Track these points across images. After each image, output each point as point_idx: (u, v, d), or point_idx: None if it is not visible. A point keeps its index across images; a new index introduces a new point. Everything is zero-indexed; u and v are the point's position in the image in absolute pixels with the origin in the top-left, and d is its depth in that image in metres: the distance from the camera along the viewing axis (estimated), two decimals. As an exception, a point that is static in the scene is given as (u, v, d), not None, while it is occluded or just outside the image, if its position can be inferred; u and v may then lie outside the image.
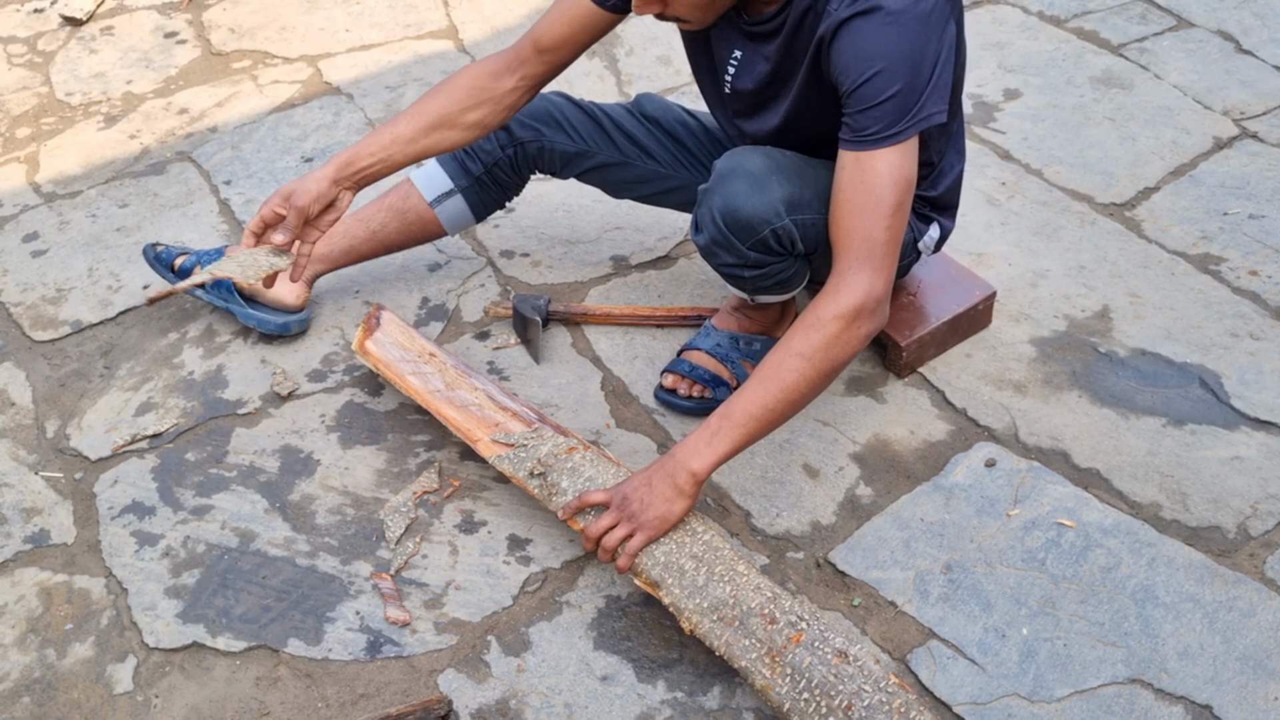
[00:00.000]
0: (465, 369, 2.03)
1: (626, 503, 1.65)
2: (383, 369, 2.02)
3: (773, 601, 1.58)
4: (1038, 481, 1.90)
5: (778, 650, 1.53)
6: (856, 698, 1.47)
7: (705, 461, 1.64)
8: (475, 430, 1.89)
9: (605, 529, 1.65)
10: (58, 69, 3.21)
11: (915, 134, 1.63)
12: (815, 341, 1.61)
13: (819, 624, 1.56)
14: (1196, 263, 2.31)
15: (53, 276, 2.47)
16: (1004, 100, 2.80)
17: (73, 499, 1.99)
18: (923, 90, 1.60)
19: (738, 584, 1.60)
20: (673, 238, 2.46)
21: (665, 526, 1.64)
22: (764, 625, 1.55)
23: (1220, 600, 1.71)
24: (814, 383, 1.63)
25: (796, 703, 1.50)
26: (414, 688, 1.68)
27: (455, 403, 1.95)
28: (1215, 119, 2.70)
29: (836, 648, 1.52)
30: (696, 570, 1.62)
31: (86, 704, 1.68)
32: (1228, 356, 2.10)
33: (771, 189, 1.73)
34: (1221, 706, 1.59)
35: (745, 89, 1.81)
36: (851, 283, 1.62)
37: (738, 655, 1.55)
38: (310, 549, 1.87)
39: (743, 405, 1.64)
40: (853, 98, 1.60)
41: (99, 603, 1.82)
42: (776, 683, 1.52)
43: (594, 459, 1.79)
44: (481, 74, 1.92)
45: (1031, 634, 1.69)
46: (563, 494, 1.75)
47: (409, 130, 1.89)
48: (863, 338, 1.64)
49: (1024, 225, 2.43)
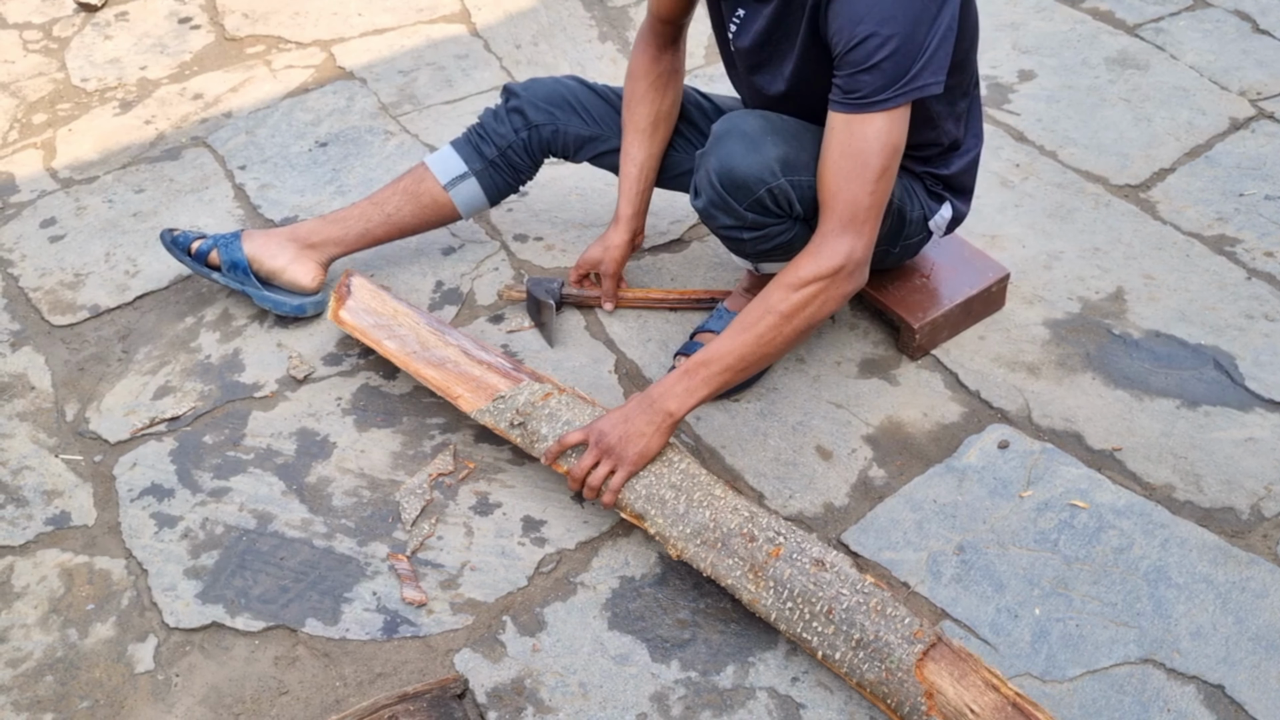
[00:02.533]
0: (437, 326, 2.08)
1: (604, 438, 1.73)
2: (359, 335, 2.08)
3: (750, 520, 1.66)
4: (1051, 463, 1.90)
5: (759, 565, 1.62)
6: (836, 601, 1.57)
7: (682, 404, 1.73)
8: (454, 387, 1.95)
9: (588, 468, 1.74)
10: (73, 55, 3.22)
11: (906, 102, 1.64)
12: (794, 300, 1.68)
13: (795, 537, 1.64)
14: (1211, 244, 2.31)
15: (70, 261, 2.49)
16: (1018, 81, 2.79)
17: (92, 481, 2.01)
18: (915, 58, 1.61)
19: (716, 508, 1.68)
20: (685, 220, 2.46)
21: (644, 461, 1.73)
22: (745, 544, 1.64)
23: (1233, 581, 1.72)
24: (789, 339, 1.72)
25: (782, 612, 1.60)
26: (430, 667, 1.69)
27: (432, 361, 2.00)
28: (1231, 99, 2.68)
29: (814, 557, 1.61)
30: (677, 499, 1.70)
31: (108, 683, 1.71)
32: (1242, 338, 2.10)
33: (766, 149, 1.74)
34: (1234, 686, 1.59)
35: (744, 47, 1.84)
36: (834, 244, 1.67)
37: (723, 574, 1.64)
38: (327, 530, 1.89)
39: (720, 355, 1.73)
40: (845, 60, 1.62)
41: (119, 583, 1.84)
42: (762, 595, 1.61)
43: (570, 401, 1.86)
44: (648, 68, 2.06)
45: (1044, 614, 1.69)
46: (543, 440, 1.82)
47: (644, 151, 2.10)
48: (840, 298, 1.71)
49: (1038, 207, 2.42)
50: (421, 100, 2.91)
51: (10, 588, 1.84)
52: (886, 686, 1.51)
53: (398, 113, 2.87)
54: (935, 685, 1.48)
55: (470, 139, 2.19)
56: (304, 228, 2.25)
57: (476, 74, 3.00)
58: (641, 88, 2.06)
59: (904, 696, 1.50)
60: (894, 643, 1.52)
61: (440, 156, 2.21)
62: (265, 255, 2.21)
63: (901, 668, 1.50)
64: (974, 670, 1.49)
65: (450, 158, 2.20)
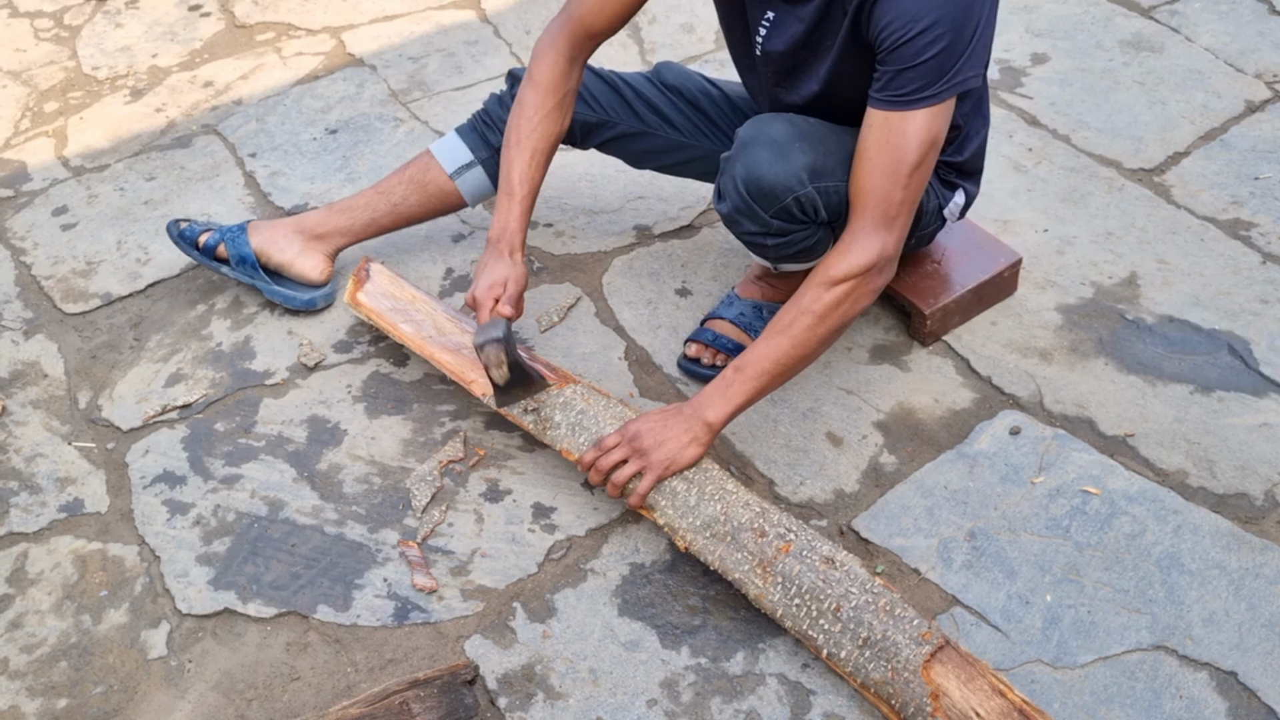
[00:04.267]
0: (453, 314, 2.07)
1: (638, 439, 1.71)
2: (375, 319, 2.08)
3: (761, 516, 1.65)
4: (1063, 449, 1.89)
5: (768, 561, 1.61)
6: (844, 599, 1.55)
7: (720, 412, 1.70)
8: (468, 373, 1.95)
9: (615, 464, 1.71)
10: (84, 43, 3.23)
11: (951, 97, 1.62)
12: (827, 300, 1.67)
13: (806, 534, 1.63)
14: (1226, 228, 2.29)
15: (82, 249, 2.49)
16: (1031, 65, 2.77)
17: (105, 469, 2.02)
18: (963, 52, 1.59)
19: (728, 501, 1.67)
20: (696, 207, 2.45)
21: (673, 469, 1.70)
22: (754, 539, 1.63)
23: (1246, 567, 1.71)
24: (824, 339, 1.70)
25: (789, 608, 1.59)
26: (441, 653, 1.70)
27: (448, 347, 2.00)
28: (1247, 82, 2.65)
29: (823, 555, 1.60)
30: (688, 491, 1.69)
31: (122, 668, 1.72)
32: (1257, 323, 2.08)
33: (794, 156, 1.72)
34: (1246, 673, 1.58)
35: (776, 51, 1.79)
36: (865, 242, 1.66)
37: (731, 568, 1.63)
38: (338, 517, 1.90)
39: (756, 360, 1.70)
40: (893, 56, 1.59)
41: (132, 570, 1.85)
42: (769, 591, 1.60)
43: (584, 392, 1.85)
44: (557, 84, 1.89)
45: (1055, 601, 1.69)
46: (556, 428, 1.81)
47: (540, 174, 1.90)
48: (872, 293, 1.70)
49: (1051, 191, 2.41)
50: (431, 87, 2.91)
51: (25, 574, 1.85)
52: (892, 686, 1.50)
53: (408, 99, 2.87)
54: (941, 687, 1.48)
55: (476, 126, 2.18)
56: (310, 218, 2.25)
57: (486, 60, 2.99)
58: (549, 104, 1.89)
59: (909, 697, 1.49)
60: (901, 643, 1.51)
61: (446, 144, 2.20)
62: (272, 248, 2.21)
63: (908, 668, 1.49)
64: (981, 675, 1.48)
65: (456, 146, 2.19)
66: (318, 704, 1.64)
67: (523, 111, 1.90)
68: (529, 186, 1.89)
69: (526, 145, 1.89)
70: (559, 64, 1.89)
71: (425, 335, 2.03)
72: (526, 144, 1.89)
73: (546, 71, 1.89)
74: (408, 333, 2.04)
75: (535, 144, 1.89)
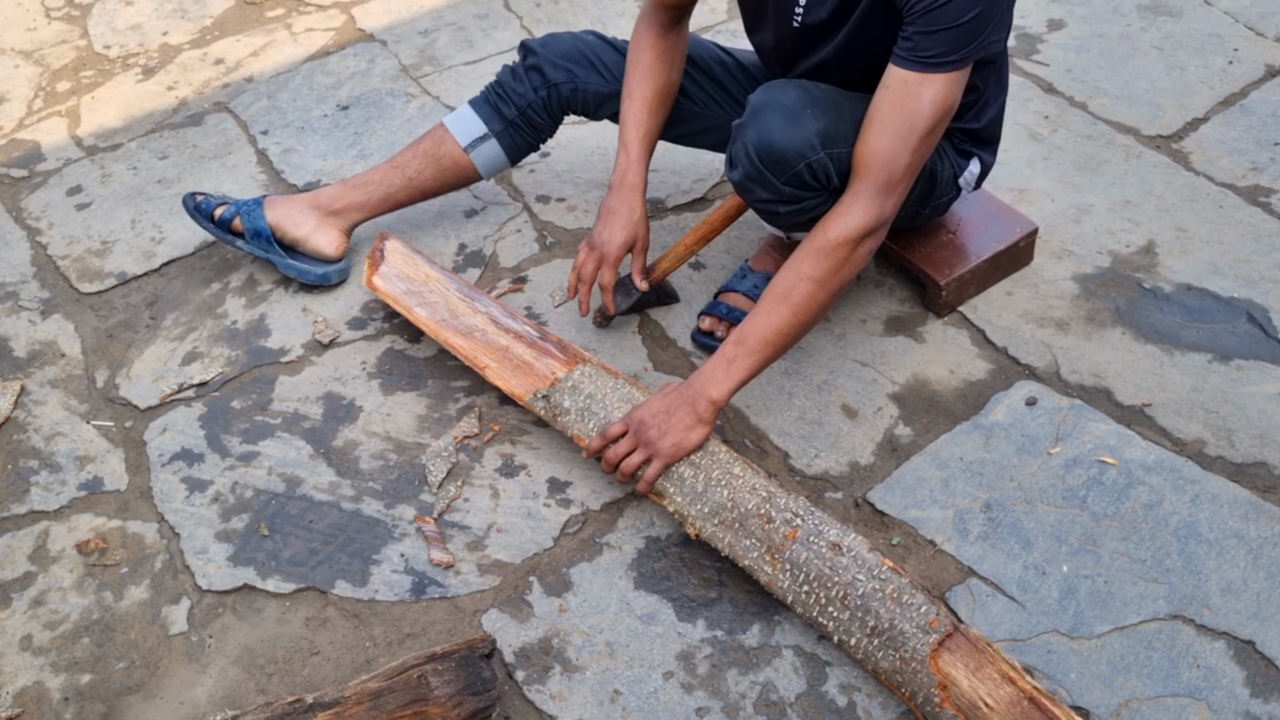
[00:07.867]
0: (467, 292, 2.07)
1: (644, 428, 1.71)
2: (392, 302, 2.08)
3: (768, 501, 1.64)
4: (1079, 419, 1.88)
5: (776, 547, 1.60)
6: (851, 586, 1.55)
7: (723, 389, 1.69)
8: (481, 357, 1.95)
9: (623, 454, 1.72)
10: (95, 21, 3.22)
11: (972, 61, 1.61)
12: (825, 266, 1.66)
13: (813, 519, 1.62)
14: (1246, 195, 2.26)
15: (97, 229, 2.50)
16: (1047, 31, 2.73)
17: (124, 447, 2.03)
18: (993, 17, 1.58)
19: (734, 487, 1.67)
20: (709, 179, 2.44)
21: (681, 453, 1.70)
22: (762, 525, 1.62)
23: (1265, 536, 1.70)
24: (824, 304, 1.69)
25: (799, 595, 1.59)
26: (458, 627, 1.71)
27: (461, 330, 2.00)
28: (1268, 46, 2.61)
29: (830, 540, 1.59)
30: (695, 477, 1.69)
31: (144, 644, 1.74)
32: (1277, 290, 2.06)
33: (806, 122, 1.70)
34: (1264, 642, 1.58)
35: (817, 21, 1.77)
36: (865, 206, 1.65)
37: (740, 555, 1.63)
38: (355, 493, 1.91)
39: (756, 330, 1.69)
40: (924, 18, 1.57)
41: (152, 547, 1.87)
42: (778, 578, 1.60)
43: (593, 373, 1.85)
44: (654, 43, 1.97)
45: (1072, 571, 1.68)
46: (565, 413, 1.82)
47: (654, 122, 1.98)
48: (866, 256, 1.70)
49: (1067, 159, 2.38)
50: (442, 61, 2.89)
51: (46, 552, 1.87)
52: (901, 675, 1.50)
53: (418, 74, 2.85)
54: (950, 677, 1.46)
55: (489, 98, 2.17)
56: (325, 194, 2.25)
57: (497, 34, 2.97)
58: (648, 59, 1.97)
59: (918, 687, 1.48)
60: (909, 631, 1.49)
61: (459, 117, 2.19)
62: (288, 223, 2.21)
63: (916, 658, 1.48)
64: (990, 662, 1.46)
65: (470, 119, 2.18)
66: (337, 678, 1.66)
67: (631, 72, 1.99)
68: (642, 130, 1.97)
69: (637, 99, 1.97)
70: (652, 28, 1.97)
71: (439, 319, 2.02)
72: (636, 98, 1.98)
73: (641, 35, 1.98)
74: (422, 316, 2.03)
75: (645, 95, 1.97)
